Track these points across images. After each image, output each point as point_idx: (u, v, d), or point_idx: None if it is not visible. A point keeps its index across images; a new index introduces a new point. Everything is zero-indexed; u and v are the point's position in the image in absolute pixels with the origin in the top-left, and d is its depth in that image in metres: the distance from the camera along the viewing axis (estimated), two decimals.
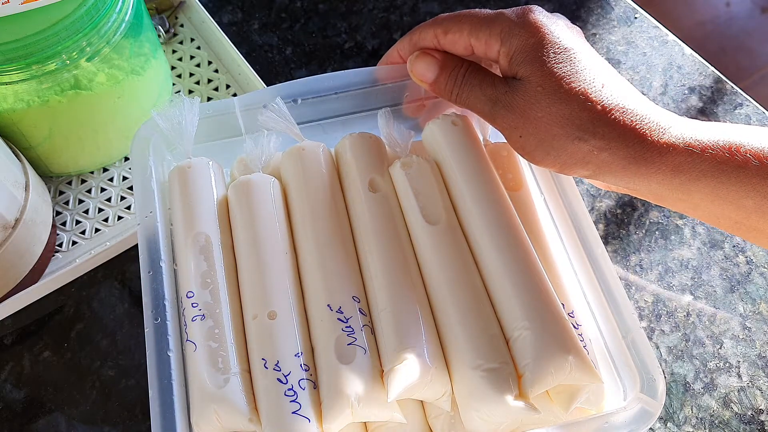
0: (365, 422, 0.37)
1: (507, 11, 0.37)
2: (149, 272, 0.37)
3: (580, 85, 0.35)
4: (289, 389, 0.34)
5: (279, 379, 0.34)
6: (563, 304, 0.37)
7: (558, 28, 0.36)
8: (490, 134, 0.46)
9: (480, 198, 0.39)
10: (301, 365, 0.35)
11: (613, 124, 0.34)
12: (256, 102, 0.43)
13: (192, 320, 0.36)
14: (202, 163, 0.41)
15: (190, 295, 0.37)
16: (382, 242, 0.39)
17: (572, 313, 0.38)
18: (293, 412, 0.33)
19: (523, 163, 0.44)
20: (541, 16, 0.37)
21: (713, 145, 0.34)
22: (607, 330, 0.38)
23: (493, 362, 0.35)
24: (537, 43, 0.36)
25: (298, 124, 0.43)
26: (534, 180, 0.44)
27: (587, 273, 0.39)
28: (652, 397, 0.34)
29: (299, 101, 0.44)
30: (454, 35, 0.39)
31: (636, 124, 0.34)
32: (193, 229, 0.38)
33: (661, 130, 0.34)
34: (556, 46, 0.36)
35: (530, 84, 0.36)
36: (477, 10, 0.39)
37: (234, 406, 0.34)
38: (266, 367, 0.34)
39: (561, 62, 0.35)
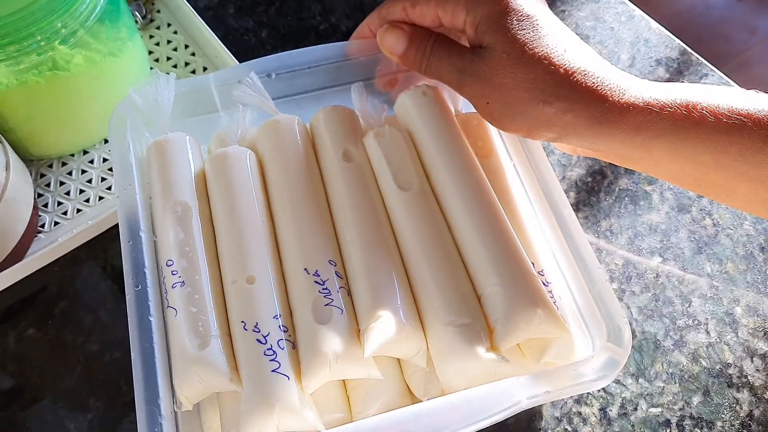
0: (344, 380, 0.38)
1: None
2: (129, 242, 0.38)
3: (542, 50, 0.36)
4: (268, 349, 0.35)
5: (258, 340, 0.35)
6: (533, 264, 0.38)
7: None
8: (462, 106, 0.47)
9: (451, 164, 0.41)
10: (279, 326, 0.36)
11: (575, 86, 0.36)
12: (231, 78, 0.44)
13: (172, 287, 0.37)
14: (180, 137, 0.42)
15: (169, 263, 0.37)
16: (357, 208, 0.40)
17: (542, 271, 0.40)
18: (273, 371, 0.34)
19: (492, 131, 0.45)
20: None
21: (671, 104, 0.35)
22: (575, 286, 0.39)
23: (465, 318, 0.36)
24: (501, 11, 0.37)
25: (273, 99, 0.44)
26: (504, 147, 0.45)
27: (555, 232, 0.40)
28: (618, 345, 0.35)
29: (273, 76, 0.44)
30: (421, 7, 0.40)
31: (597, 86, 0.35)
32: (171, 198, 0.39)
33: (621, 91, 0.36)
34: (519, 14, 0.37)
35: (495, 51, 0.37)
36: None
37: (215, 367, 0.34)
38: (245, 329, 0.35)
39: (524, 29, 0.37)
